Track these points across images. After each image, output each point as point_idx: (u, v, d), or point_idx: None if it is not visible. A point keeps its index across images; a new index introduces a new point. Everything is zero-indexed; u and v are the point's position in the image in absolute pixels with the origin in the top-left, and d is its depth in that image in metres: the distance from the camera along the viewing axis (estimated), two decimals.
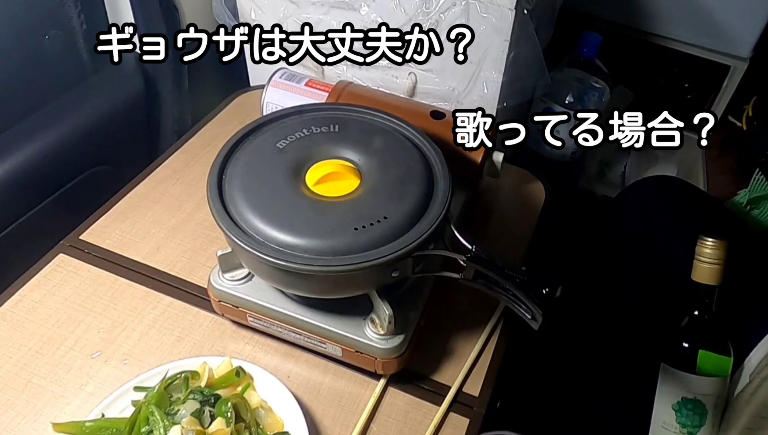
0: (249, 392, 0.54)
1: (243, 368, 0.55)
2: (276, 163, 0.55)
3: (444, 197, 0.53)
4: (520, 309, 0.51)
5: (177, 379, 0.54)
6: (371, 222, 0.50)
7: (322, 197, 0.52)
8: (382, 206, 0.51)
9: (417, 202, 0.52)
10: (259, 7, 0.87)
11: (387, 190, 0.53)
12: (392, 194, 0.53)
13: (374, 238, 0.49)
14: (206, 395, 0.52)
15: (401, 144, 0.58)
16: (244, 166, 0.55)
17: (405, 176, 0.54)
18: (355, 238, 0.49)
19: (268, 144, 0.57)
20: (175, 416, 0.50)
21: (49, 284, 0.65)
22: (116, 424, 0.51)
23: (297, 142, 0.57)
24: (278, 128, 0.59)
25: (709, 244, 0.61)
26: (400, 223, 0.50)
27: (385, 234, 0.49)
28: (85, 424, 0.51)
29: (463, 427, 0.56)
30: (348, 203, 0.52)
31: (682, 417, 0.62)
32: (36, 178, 0.80)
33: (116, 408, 0.53)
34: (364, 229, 0.49)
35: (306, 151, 0.56)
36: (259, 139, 0.58)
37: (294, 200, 0.52)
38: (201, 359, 0.56)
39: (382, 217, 0.50)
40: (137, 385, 0.54)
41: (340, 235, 0.49)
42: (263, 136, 0.58)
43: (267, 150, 0.56)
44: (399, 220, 0.51)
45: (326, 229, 0.49)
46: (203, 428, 0.50)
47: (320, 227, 0.50)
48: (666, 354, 0.65)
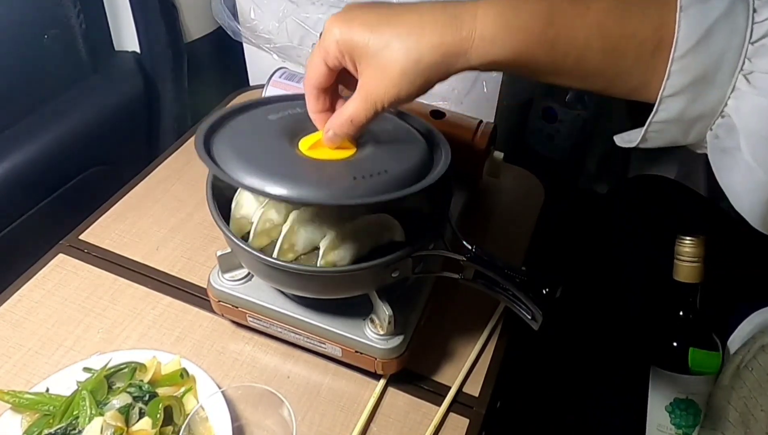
0: (188, 396, 0.54)
1: (187, 370, 0.55)
2: (268, 131, 0.52)
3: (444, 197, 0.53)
4: (520, 309, 0.51)
5: (124, 368, 0.54)
6: (371, 173, 0.47)
7: (318, 159, 0.50)
8: (381, 162, 0.49)
9: (417, 163, 0.50)
10: (259, 7, 0.87)
11: (386, 149, 0.51)
12: (391, 154, 0.51)
13: (374, 187, 0.46)
14: (144, 391, 0.52)
15: (398, 125, 0.57)
16: (234, 130, 0.52)
17: (401, 144, 0.53)
18: (354, 185, 0.46)
19: (260, 115, 0.54)
20: (106, 407, 0.50)
21: (48, 284, 0.65)
22: (53, 401, 0.52)
23: (289, 116, 0.54)
24: (269, 106, 0.56)
25: (688, 243, 0.61)
26: (400, 177, 0.48)
27: (386, 186, 0.47)
28: (24, 395, 0.52)
29: (463, 427, 0.56)
30: (344, 161, 0.49)
31: (676, 418, 0.62)
32: (35, 177, 0.80)
33: (63, 385, 0.53)
34: (363, 179, 0.47)
35: (299, 125, 0.53)
36: (249, 113, 0.55)
37: (291, 158, 0.49)
38: (151, 353, 0.56)
39: (383, 171, 0.48)
40: (86, 366, 0.54)
41: (339, 183, 0.47)
42: (254, 111, 0.55)
43: (259, 120, 0.53)
44: (399, 174, 0.48)
45: (323, 180, 0.47)
46: (127, 425, 0.50)
47: (317, 179, 0.47)
48: (655, 356, 0.65)
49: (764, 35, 0.33)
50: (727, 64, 0.34)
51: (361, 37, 0.41)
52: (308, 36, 0.87)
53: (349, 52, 0.42)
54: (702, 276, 0.62)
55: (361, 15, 0.42)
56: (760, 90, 0.33)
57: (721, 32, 0.34)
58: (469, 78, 0.79)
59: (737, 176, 0.36)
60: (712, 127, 0.36)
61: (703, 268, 0.61)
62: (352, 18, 0.42)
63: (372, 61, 0.41)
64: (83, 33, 0.87)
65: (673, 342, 0.63)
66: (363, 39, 0.41)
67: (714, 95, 0.35)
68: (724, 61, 0.34)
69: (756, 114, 0.34)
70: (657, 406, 0.64)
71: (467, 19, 0.39)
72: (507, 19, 0.38)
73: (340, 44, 0.42)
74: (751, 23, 0.33)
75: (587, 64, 0.37)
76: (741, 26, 0.34)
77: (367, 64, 0.42)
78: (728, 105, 0.35)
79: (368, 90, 0.43)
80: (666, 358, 0.64)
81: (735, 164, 0.36)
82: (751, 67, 0.34)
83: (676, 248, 0.62)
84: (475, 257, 0.51)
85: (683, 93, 0.35)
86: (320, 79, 0.46)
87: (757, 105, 0.34)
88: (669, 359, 0.63)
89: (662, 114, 0.36)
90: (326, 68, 0.45)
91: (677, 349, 0.63)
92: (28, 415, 0.52)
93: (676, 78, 0.35)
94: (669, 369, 0.63)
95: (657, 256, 0.68)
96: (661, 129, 0.37)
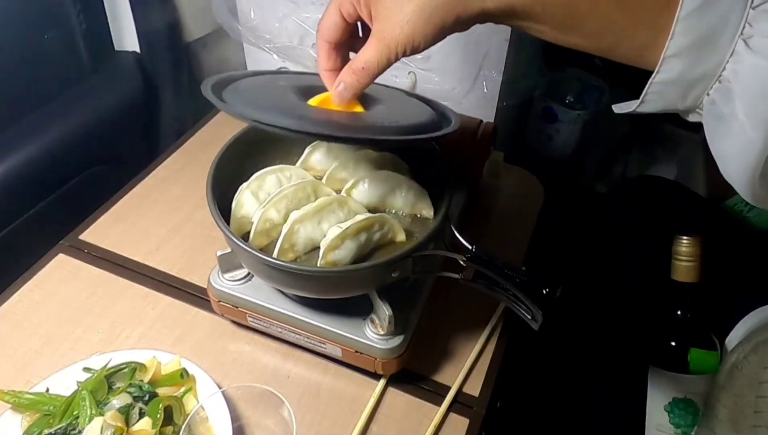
0: (188, 396, 0.54)
1: (187, 370, 0.55)
2: (278, 91, 0.52)
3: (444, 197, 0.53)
4: (520, 309, 0.51)
5: (125, 368, 0.54)
6: (381, 123, 0.47)
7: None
8: (391, 116, 0.49)
9: (427, 120, 0.51)
10: (259, 7, 0.87)
11: (396, 108, 0.52)
12: (401, 112, 0.51)
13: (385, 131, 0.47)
14: (144, 391, 0.52)
15: (405, 97, 0.57)
16: (246, 89, 0.51)
17: (410, 107, 0.53)
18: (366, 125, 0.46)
19: (269, 78, 0.54)
20: (106, 407, 0.50)
21: (49, 284, 0.65)
22: (54, 401, 0.52)
23: (298, 78, 0.54)
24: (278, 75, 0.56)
25: (685, 242, 0.61)
26: (410, 128, 0.48)
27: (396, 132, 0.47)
28: (25, 396, 0.52)
29: (463, 427, 0.56)
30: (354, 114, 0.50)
31: (675, 417, 0.62)
32: (35, 177, 0.80)
33: (63, 385, 0.53)
34: (374, 124, 0.47)
35: (309, 89, 0.52)
36: (258, 77, 0.55)
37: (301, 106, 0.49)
38: (151, 353, 0.56)
39: (394, 122, 0.48)
40: (86, 366, 0.54)
41: (350, 123, 0.46)
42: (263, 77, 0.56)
43: (268, 82, 0.54)
44: (409, 126, 0.48)
45: (333, 120, 0.46)
46: (127, 425, 0.50)
47: (326, 118, 0.47)
48: (654, 356, 0.65)
49: (765, 0, 0.34)
50: (729, 27, 0.35)
51: None
52: (308, 36, 0.87)
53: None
54: (699, 275, 0.62)
55: None
56: (758, 52, 0.34)
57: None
58: (469, 78, 0.79)
59: (729, 142, 0.37)
60: (710, 91, 0.37)
61: (700, 267, 0.61)
62: None
63: (387, 2, 0.41)
64: (83, 33, 0.87)
65: (671, 342, 0.63)
66: None
67: (714, 58, 0.35)
68: (727, 25, 0.35)
69: (753, 75, 0.34)
70: (656, 406, 0.64)
71: None
72: None
73: None
74: None
75: (600, 13, 0.37)
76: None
77: (383, 7, 0.41)
78: (726, 69, 0.35)
79: (383, 33, 0.42)
80: (664, 358, 0.64)
81: (728, 131, 0.36)
82: (751, 31, 0.34)
83: (673, 248, 0.62)
84: (475, 257, 0.51)
85: (685, 54, 0.36)
86: (334, 32, 0.45)
87: (755, 64, 0.34)
88: (667, 359, 0.63)
89: (663, 74, 0.37)
90: (341, 18, 0.44)
91: (676, 349, 0.63)
92: (28, 415, 0.52)
93: (679, 38, 0.35)
94: (668, 369, 0.63)
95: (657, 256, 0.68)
96: (661, 90, 0.37)
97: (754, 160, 0.36)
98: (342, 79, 0.46)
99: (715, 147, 0.38)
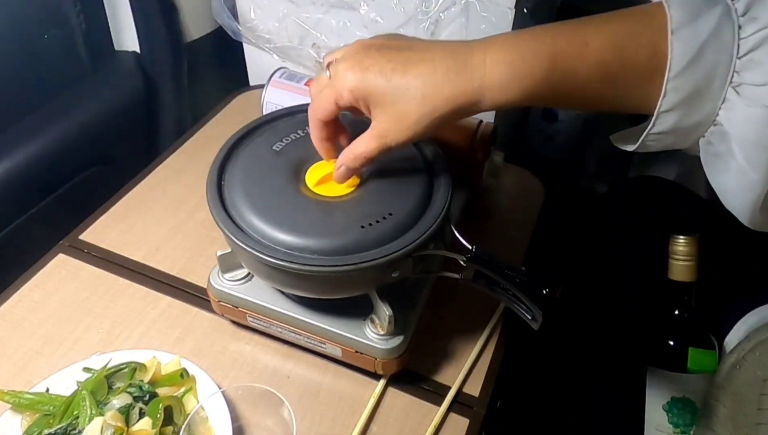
0: (188, 396, 0.54)
1: (187, 370, 0.55)
2: (274, 166, 0.54)
3: (444, 197, 0.53)
4: (520, 309, 0.51)
5: (125, 368, 0.54)
6: (377, 219, 0.50)
7: (324, 197, 0.52)
8: (386, 203, 0.51)
9: (420, 199, 0.52)
10: (259, 7, 0.87)
11: (389, 188, 0.53)
12: (394, 192, 0.53)
13: (382, 235, 0.49)
14: (144, 391, 0.52)
15: None
16: (242, 170, 0.54)
17: (405, 174, 0.54)
18: (364, 235, 0.49)
19: (264, 147, 0.56)
20: (106, 407, 0.50)
21: (48, 284, 0.65)
22: (54, 401, 0.52)
23: (293, 144, 0.57)
24: (272, 131, 0.59)
25: (682, 242, 0.62)
26: (405, 220, 0.50)
27: (392, 230, 0.49)
28: (24, 396, 0.52)
29: (463, 427, 0.56)
30: (351, 202, 0.52)
31: (674, 417, 0.63)
32: (35, 177, 0.80)
33: (63, 385, 0.53)
34: (371, 227, 0.49)
35: (303, 152, 0.56)
36: (254, 143, 0.58)
37: (296, 201, 0.52)
38: (151, 353, 0.56)
39: (387, 214, 0.50)
40: (86, 366, 0.54)
41: (348, 233, 0.49)
42: (258, 140, 0.58)
43: (264, 153, 0.56)
44: (404, 216, 0.51)
45: (333, 229, 0.49)
46: (127, 425, 0.50)
47: (327, 227, 0.50)
48: (652, 355, 0.65)
49: (750, 49, 0.35)
50: (718, 78, 0.36)
51: (376, 85, 0.43)
52: (308, 36, 0.87)
53: (364, 99, 0.44)
54: (696, 275, 0.62)
55: (376, 62, 0.43)
56: (749, 100, 0.35)
57: (710, 50, 0.36)
58: None
59: (728, 178, 0.39)
60: (705, 134, 0.39)
61: (697, 266, 0.62)
62: (367, 66, 0.43)
63: (388, 109, 0.44)
64: (83, 33, 0.87)
65: (669, 341, 0.64)
66: (379, 88, 0.43)
67: (706, 107, 0.37)
68: (715, 77, 0.36)
69: (746, 122, 0.36)
70: (654, 406, 0.64)
71: (477, 67, 0.41)
72: (515, 69, 0.40)
73: (355, 91, 0.44)
74: (738, 39, 0.36)
75: (588, 95, 0.40)
76: (728, 43, 0.36)
77: (383, 111, 0.44)
78: (720, 115, 0.37)
79: (383, 132, 0.45)
80: (663, 358, 0.64)
81: (726, 167, 0.38)
82: (739, 79, 0.36)
83: (670, 247, 0.63)
84: (475, 257, 0.51)
85: (678, 108, 0.37)
86: (328, 115, 0.48)
87: (747, 114, 0.36)
88: (666, 358, 0.63)
89: (658, 127, 0.39)
90: (336, 107, 0.47)
91: (674, 349, 0.63)
92: (28, 415, 0.52)
93: (671, 96, 0.37)
94: (666, 368, 0.63)
95: (656, 257, 0.68)
96: (658, 139, 0.40)
97: (756, 196, 0.37)
98: (343, 163, 0.49)
99: (714, 181, 0.40)
